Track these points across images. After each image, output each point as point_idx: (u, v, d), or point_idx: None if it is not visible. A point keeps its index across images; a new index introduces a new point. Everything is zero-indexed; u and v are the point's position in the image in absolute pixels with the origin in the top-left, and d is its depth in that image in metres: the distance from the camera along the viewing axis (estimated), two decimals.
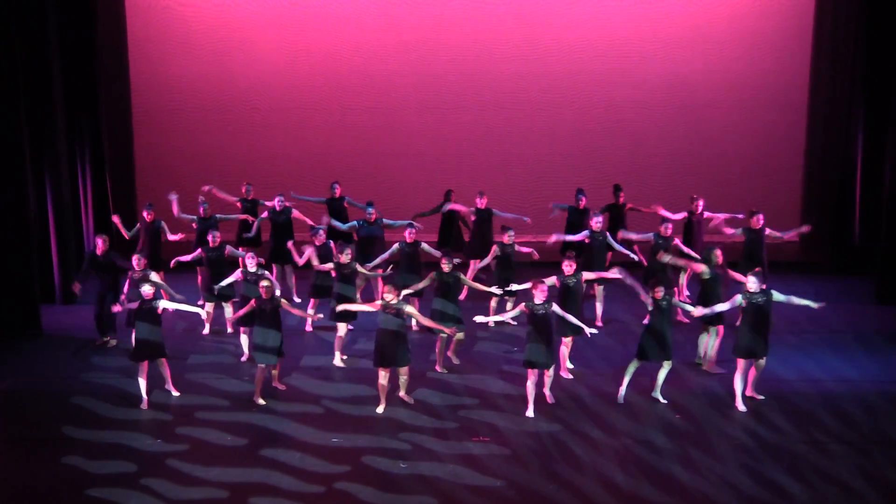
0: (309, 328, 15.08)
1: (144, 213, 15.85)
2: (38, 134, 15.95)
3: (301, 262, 14.73)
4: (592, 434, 11.60)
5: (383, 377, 12.20)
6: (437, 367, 13.53)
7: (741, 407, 12.26)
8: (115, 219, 16.44)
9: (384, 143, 20.13)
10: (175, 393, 12.63)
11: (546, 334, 12.00)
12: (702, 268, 13.32)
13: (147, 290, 12.24)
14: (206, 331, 14.94)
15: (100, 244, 14.37)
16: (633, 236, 15.62)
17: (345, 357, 13.81)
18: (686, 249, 15.22)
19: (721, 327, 13.40)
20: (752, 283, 12.21)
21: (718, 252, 13.40)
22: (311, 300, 14.93)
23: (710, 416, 12.11)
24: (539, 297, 11.95)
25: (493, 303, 15.11)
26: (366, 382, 13.02)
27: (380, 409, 12.21)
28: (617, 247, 15.32)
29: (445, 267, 13.31)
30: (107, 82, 18.54)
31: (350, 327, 14.09)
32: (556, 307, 12.13)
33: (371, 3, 19.91)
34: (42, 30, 15.86)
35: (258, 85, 20.07)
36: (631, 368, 12.49)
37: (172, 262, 14.99)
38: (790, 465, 10.85)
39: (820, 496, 10.24)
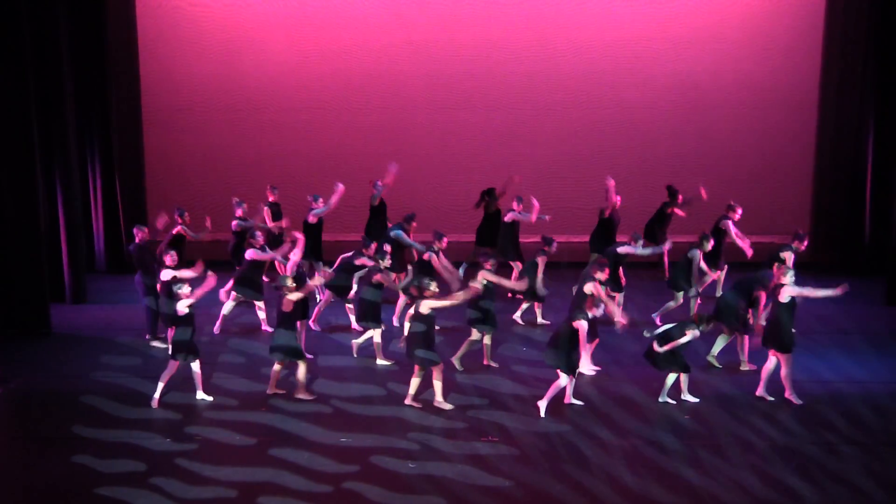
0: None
1: (177, 217, 15.88)
2: (48, 133, 16.03)
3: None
4: (601, 434, 11.58)
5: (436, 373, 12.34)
6: (453, 360, 13.56)
7: (796, 400, 12.42)
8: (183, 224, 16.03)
9: (394, 142, 20.12)
10: (208, 398, 12.56)
11: (576, 342, 12.08)
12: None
13: (186, 290, 12.29)
14: (217, 330, 14.97)
15: (138, 234, 14.48)
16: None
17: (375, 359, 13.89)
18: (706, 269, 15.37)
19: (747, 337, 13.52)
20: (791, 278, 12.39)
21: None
22: (326, 291, 15.02)
23: (720, 417, 12.09)
24: (594, 313, 12.35)
25: (523, 306, 15.36)
26: (374, 382, 13.05)
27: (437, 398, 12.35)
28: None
29: (489, 268, 13.37)
30: (117, 82, 18.59)
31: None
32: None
33: (381, 3, 19.92)
34: (52, 29, 15.91)
35: (268, 84, 20.10)
36: (669, 381, 12.51)
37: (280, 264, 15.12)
38: (800, 466, 10.82)
39: (829, 497, 10.21)
